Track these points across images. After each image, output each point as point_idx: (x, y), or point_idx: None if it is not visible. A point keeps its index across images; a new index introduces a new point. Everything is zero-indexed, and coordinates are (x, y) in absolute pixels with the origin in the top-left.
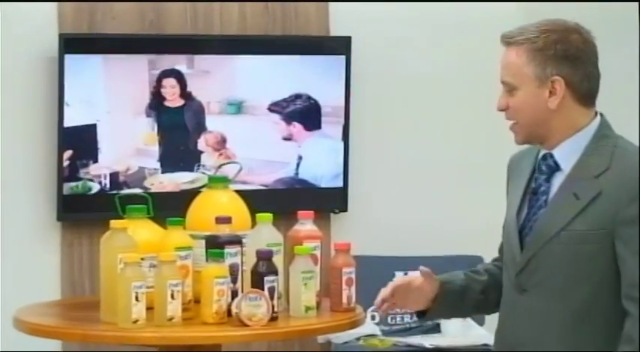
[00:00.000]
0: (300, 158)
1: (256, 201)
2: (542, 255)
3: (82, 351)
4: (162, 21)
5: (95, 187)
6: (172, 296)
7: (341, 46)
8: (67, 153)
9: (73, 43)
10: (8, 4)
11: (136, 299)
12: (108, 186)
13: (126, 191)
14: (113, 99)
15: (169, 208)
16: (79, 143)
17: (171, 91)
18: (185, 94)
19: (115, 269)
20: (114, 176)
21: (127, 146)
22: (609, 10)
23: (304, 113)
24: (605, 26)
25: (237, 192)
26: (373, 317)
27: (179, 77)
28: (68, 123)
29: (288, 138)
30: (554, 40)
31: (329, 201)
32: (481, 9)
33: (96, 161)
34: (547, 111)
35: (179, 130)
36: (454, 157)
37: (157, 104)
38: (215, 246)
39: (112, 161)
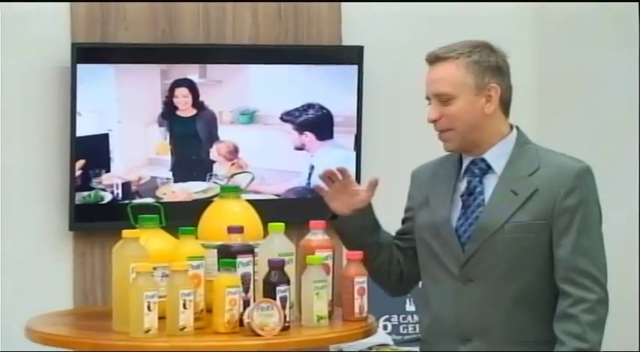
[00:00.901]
0: (312, 168)
1: (268, 210)
2: (486, 246)
3: None
4: (174, 31)
5: (107, 197)
6: (184, 306)
7: (353, 55)
8: (79, 163)
9: (85, 53)
10: (20, 13)
11: (148, 308)
12: (120, 195)
13: (138, 200)
14: (125, 108)
15: (181, 218)
16: (92, 153)
17: (183, 101)
18: (197, 104)
19: (127, 278)
20: (126, 186)
21: (139, 156)
22: (609, 10)
23: (316, 123)
24: (605, 26)
25: (250, 201)
26: (385, 327)
27: (191, 87)
28: (80, 132)
29: (300, 148)
30: (487, 53)
31: None
32: (497, 17)
33: (108, 171)
34: (483, 117)
35: (191, 140)
36: None
37: (169, 114)
38: (227, 255)
39: (124, 171)
